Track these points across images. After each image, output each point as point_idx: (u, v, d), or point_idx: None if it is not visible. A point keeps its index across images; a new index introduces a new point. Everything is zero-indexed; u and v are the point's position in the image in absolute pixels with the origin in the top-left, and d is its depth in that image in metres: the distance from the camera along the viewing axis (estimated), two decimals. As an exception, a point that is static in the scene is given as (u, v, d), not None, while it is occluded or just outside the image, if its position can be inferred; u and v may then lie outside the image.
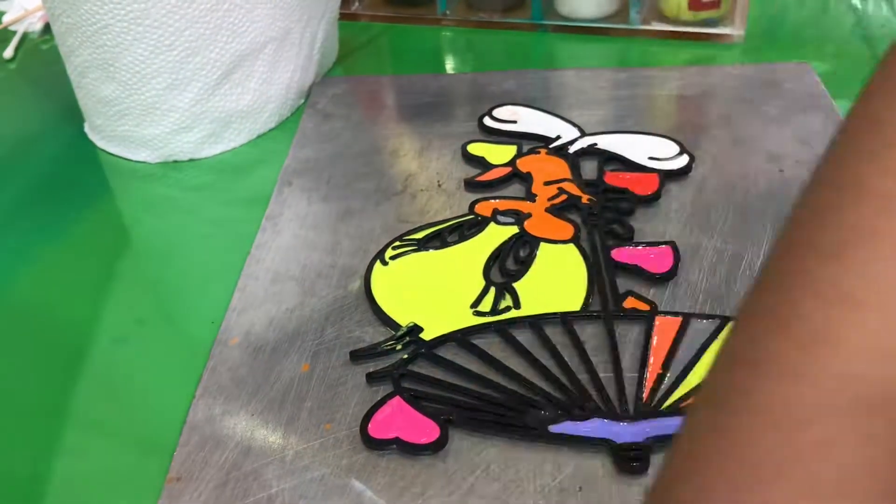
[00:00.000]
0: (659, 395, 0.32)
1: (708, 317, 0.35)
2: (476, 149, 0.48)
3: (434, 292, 0.39)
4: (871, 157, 0.15)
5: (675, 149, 0.45)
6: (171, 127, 0.50)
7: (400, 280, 0.39)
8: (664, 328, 0.35)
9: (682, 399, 0.32)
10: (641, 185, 0.43)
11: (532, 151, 0.47)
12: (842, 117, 0.47)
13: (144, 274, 0.44)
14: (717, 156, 0.45)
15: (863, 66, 0.51)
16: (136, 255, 0.45)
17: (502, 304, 0.37)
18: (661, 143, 0.46)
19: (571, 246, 0.40)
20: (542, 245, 0.40)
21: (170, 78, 0.48)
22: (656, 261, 0.38)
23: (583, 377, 0.34)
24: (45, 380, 0.37)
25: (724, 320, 0.35)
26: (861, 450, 0.15)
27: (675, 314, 0.36)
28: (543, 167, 0.46)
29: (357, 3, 0.65)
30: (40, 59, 0.65)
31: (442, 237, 0.42)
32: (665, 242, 0.39)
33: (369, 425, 0.32)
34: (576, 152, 0.47)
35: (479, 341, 0.36)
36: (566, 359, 0.34)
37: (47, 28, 0.68)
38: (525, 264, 0.39)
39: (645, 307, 0.36)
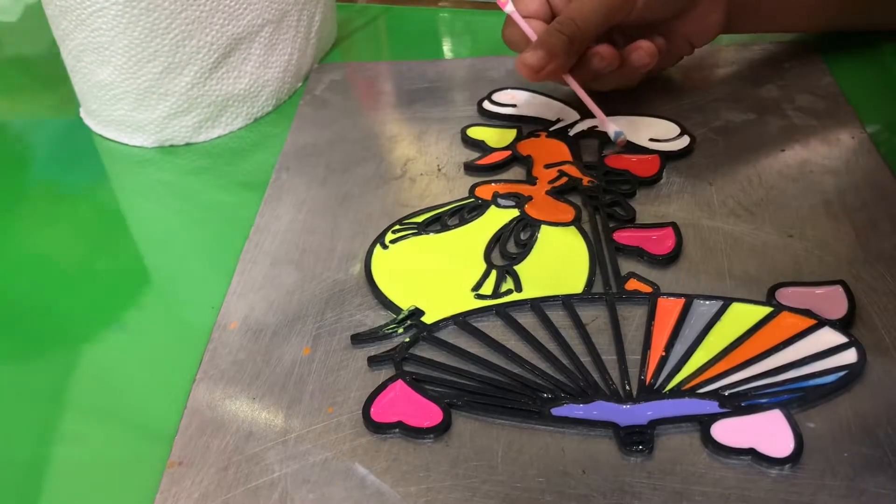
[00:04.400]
0: (662, 377, 0.32)
1: (710, 298, 0.35)
2: (476, 132, 0.48)
3: (435, 276, 0.38)
4: None
5: (676, 130, 0.45)
6: (167, 111, 0.49)
7: (400, 264, 0.39)
8: (666, 310, 0.35)
9: (685, 381, 0.32)
10: (642, 167, 0.43)
11: (532, 135, 0.47)
12: (847, 98, 0.47)
13: (142, 259, 0.43)
14: (718, 136, 0.45)
15: None
16: (133, 240, 0.45)
17: (504, 287, 0.37)
18: (661, 124, 0.46)
19: (573, 228, 0.40)
20: (543, 228, 0.40)
21: (166, 61, 0.47)
22: (658, 242, 0.38)
23: (585, 360, 0.34)
24: (43, 367, 0.37)
25: (727, 302, 0.35)
26: None
27: (677, 296, 0.35)
28: (544, 150, 0.45)
29: (354, -14, 0.64)
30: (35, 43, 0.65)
31: (442, 220, 0.41)
32: (667, 224, 0.39)
33: (371, 409, 0.32)
34: (576, 135, 0.46)
35: (480, 324, 0.36)
36: (568, 341, 0.34)
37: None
38: (526, 247, 0.39)
39: (647, 289, 0.36)
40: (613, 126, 0.43)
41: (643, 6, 0.43)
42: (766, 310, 0.34)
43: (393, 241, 0.40)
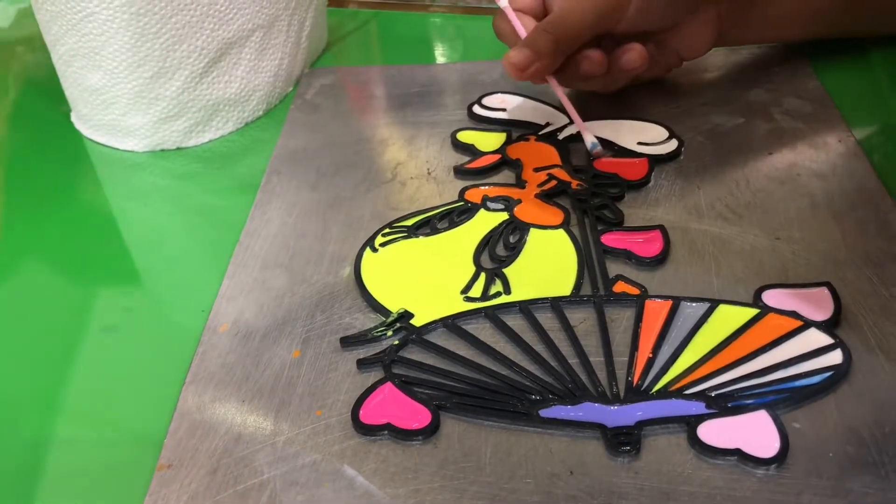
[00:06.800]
0: (649, 378, 0.33)
1: (697, 300, 0.35)
2: (465, 136, 0.48)
3: (424, 278, 0.38)
4: None
5: (665, 133, 0.46)
6: (158, 116, 0.49)
7: (390, 266, 0.39)
8: (654, 312, 0.35)
9: (672, 382, 0.32)
10: (631, 170, 0.43)
11: (521, 138, 0.47)
12: (834, 102, 0.47)
13: (133, 262, 0.43)
14: (706, 139, 0.46)
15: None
16: (124, 244, 0.45)
17: (493, 290, 0.37)
18: (650, 127, 0.46)
19: (561, 231, 0.40)
20: (532, 231, 0.40)
21: (156, 66, 0.47)
22: (646, 245, 0.39)
23: (573, 361, 0.34)
24: (33, 370, 0.37)
25: (714, 304, 0.35)
26: None
27: (665, 298, 0.36)
28: (533, 154, 0.45)
29: (345, -9, 0.65)
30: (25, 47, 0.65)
31: (432, 224, 0.41)
32: (654, 227, 0.40)
33: (360, 411, 0.32)
34: (565, 139, 0.47)
35: (469, 327, 0.36)
36: (556, 343, 0.35)
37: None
38: (515, 250, 0.39)
39: (634, 291, 0.36)
40: (591, 136, 0.44)
41: (634, 15, 0.43)
42: (753, 311, 0.35)
43: (383, 245, 0.40)
